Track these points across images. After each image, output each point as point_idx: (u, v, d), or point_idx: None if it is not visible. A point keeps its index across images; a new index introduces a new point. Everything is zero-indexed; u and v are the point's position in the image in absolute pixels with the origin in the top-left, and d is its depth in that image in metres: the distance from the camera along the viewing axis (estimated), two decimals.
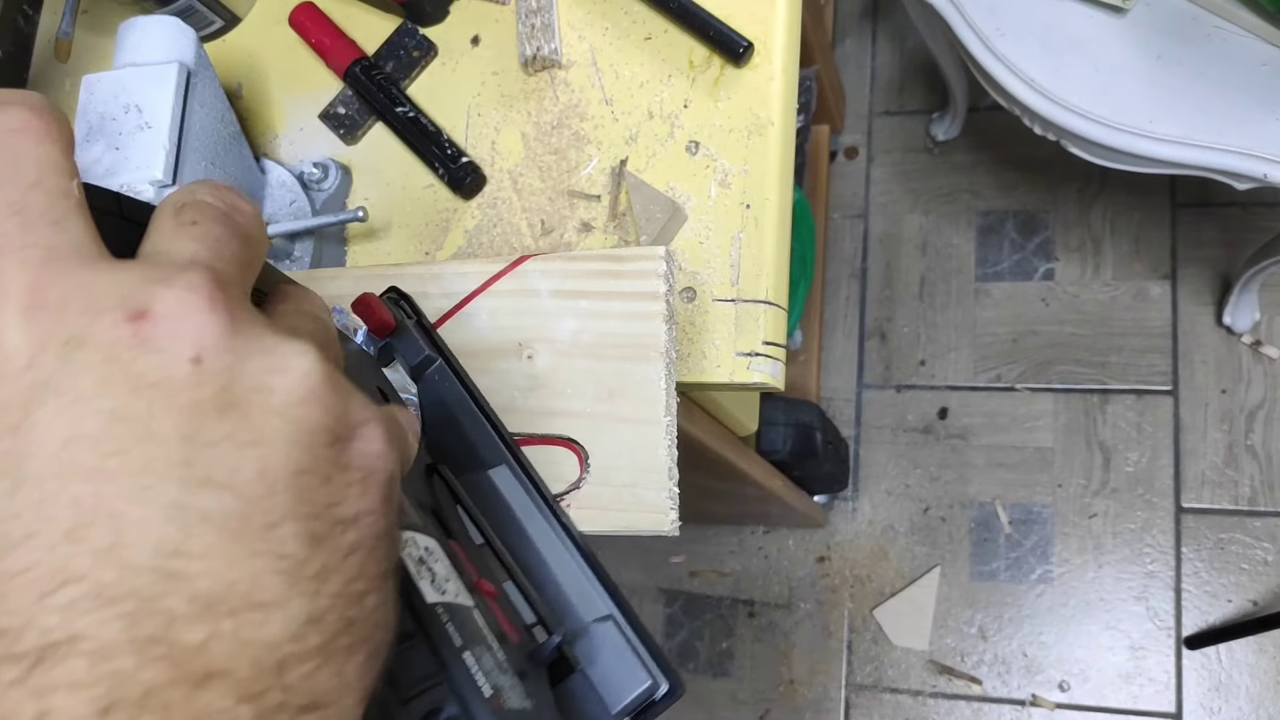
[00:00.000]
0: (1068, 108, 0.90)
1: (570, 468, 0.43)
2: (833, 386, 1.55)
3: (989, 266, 1.53)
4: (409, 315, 0.43)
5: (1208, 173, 0.89)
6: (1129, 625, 1.37)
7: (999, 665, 1.41)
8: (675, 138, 0.55)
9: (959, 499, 1.47)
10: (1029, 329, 1.49)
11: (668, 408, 0.42)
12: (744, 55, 0.54)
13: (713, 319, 0.51)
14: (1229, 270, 1.42)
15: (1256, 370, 1.40)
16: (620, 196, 0.55)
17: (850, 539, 1.50)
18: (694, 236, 0.53)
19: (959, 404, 1.49)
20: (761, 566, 1.53)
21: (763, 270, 0.51)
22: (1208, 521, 1.38)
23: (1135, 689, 1.35)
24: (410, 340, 0.42)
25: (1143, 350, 1.44)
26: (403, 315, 0.42)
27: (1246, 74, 0.86)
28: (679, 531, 0.42)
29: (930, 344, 1.53)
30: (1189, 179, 0.91)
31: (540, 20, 0.59)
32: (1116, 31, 0.91)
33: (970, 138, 1.57)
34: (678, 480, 0.42)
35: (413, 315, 0.43)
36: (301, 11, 0.64)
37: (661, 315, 0.43)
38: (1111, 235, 1.49)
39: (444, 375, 0.41)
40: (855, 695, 1.45)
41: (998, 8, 0.94)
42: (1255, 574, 1.35)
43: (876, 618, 1.46)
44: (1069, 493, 1.43)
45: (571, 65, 0.58)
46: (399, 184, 0.60)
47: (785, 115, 0.54)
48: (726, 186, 0.53)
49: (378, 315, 0.41)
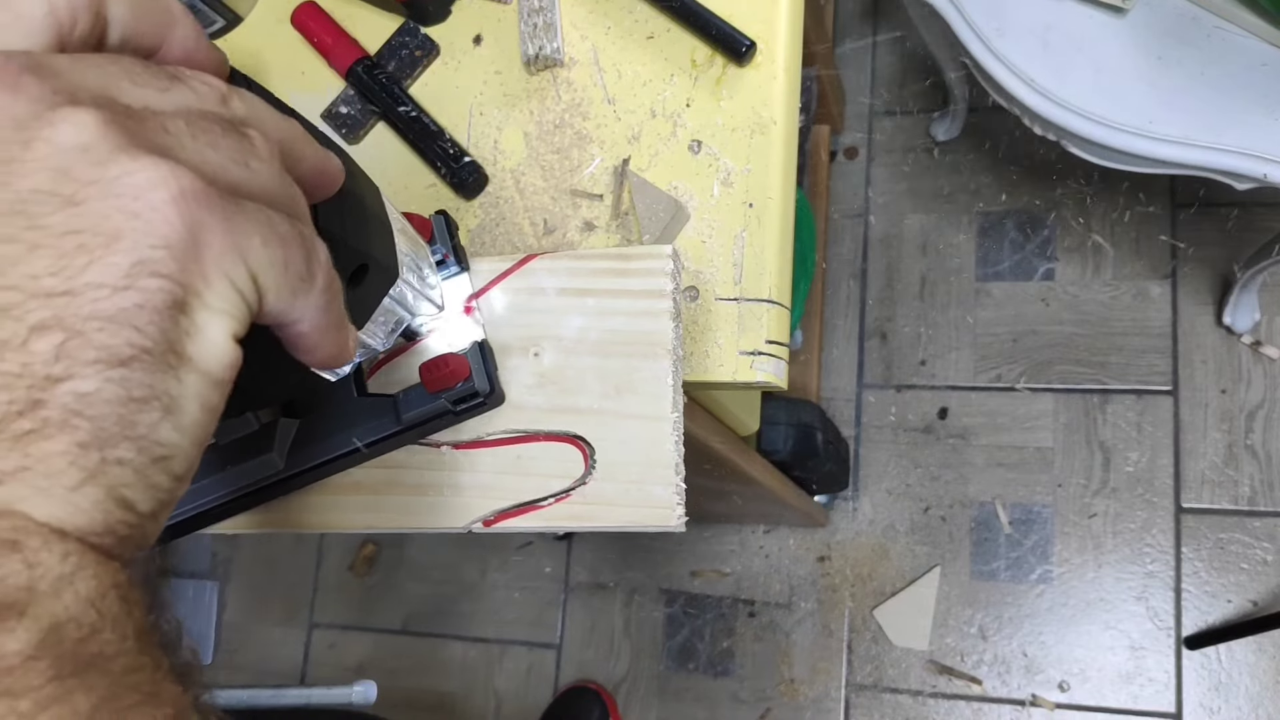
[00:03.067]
0: (1068, 108, 0.91)
1: (576, 465, 0.43)
2: (833, 386, 1.55)
3: (989, 266, 1.53)
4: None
5: (1208, 173, 0.89)
6: (1129, 625, 1.38)
7: (999, 665, 1.41)
8: (678, 137, 0.55)
9: (959, 499, 1.47)
10: (1029, 329, 1.49)
11: (674, 404, 0.43)
12: (746, 54, 0.54)
13: (716, 318, 0.51)
14: (1229, 270, 1.42)
15: (1256, 370, 1.40)
16: (623, 196, 0.55)
17: (851, 538, 1.50)
18: (697, 235, 0.53)
19: (959, 404, 1.50)
20: (762, 566, 1.53)
21: (766, 269, 0.51)
22: (1208, 521, 1.38)
23: (1135, 689, 1.36)
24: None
25: (1143, 350, 1.44)
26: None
27: (1246, 74, 0.86)
28: (685, 527, 0.42)
29: (930, 344, 1.53)
30: (1189, 179, 0.91)
31: (542, 19, 0.59)
32: (1116, 32, 0.91)
33: (970, 138, 1.57)
34: (684, 476, 0.42)
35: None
36: (303, 11, 0.64)
37: (668, 313, 0.44)
38: (1112, 235, 1.49)
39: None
40: (855, 695, 1.45)
41: (998, 8, 0.94)
42: (1255, 574, 1.35)
43: (877, 617, 1.46)
44: (1069, 492, 1.43)
45: (574, 64, 0.58)
46: (401, 183, 0.60)
47: (788, 114, 0.54)
48: (729, 185, 0.53)
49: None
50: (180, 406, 0.22)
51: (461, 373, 0.41)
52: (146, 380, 0.21)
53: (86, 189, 0.20)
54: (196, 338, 0.22)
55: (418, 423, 0.43)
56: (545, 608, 1.60)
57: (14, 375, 0.19)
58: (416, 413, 0.43)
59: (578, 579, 1.60)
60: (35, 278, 0.20)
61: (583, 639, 1.58)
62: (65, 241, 0.20)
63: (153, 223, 0.21)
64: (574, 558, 1.61)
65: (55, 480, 0.20)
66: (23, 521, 0.20)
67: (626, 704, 1.53)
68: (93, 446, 0.21)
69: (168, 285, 0.21)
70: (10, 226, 0.20)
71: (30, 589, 0.19)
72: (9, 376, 0.19)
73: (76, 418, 0.20)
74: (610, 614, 1.57)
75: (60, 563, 0.20)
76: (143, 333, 0.21)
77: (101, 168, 0.20)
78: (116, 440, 0.21)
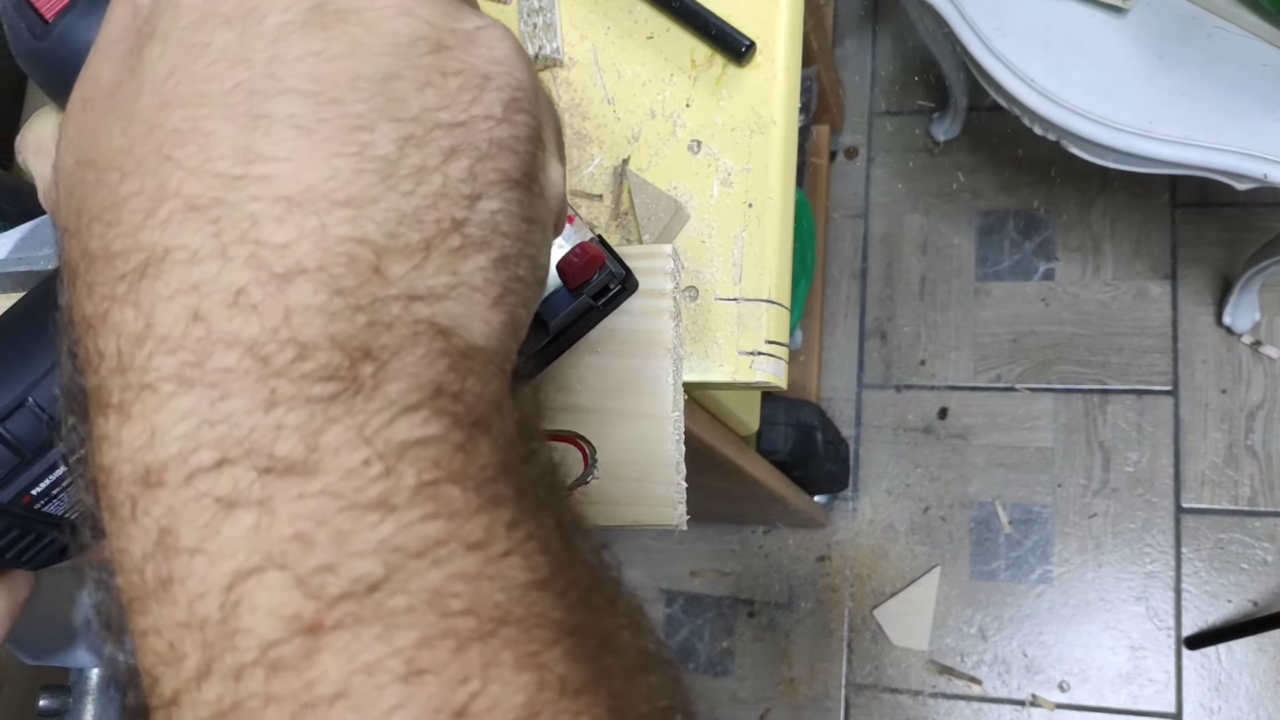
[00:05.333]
0: (1068, 108, 0.91)
1: (576, 464, 0.43)
2: (833, 386, 1.55)
3: (989, 266, 1.53)
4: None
5: (1208, 173, 0.89)
6: (1129, 625, 1.38)
7: (999, 665, 1.41)
8: (677, 137, 0.55)
9: (959, 499, 1.47)
10: (1029, 329, 1.49)
11: (675, 403, 0.43)
12: (746, 54, 0.54)
13: (715, 318, 0.51)
14: (1229, 270, 1.42)
15: (1256, 370, 1.40)
16: (623, 196, 0.55)
17: (850, 538, 1.50)
18: (696, 235, 0.53)
19: (959, 404, 1.50)
20: (762, 566, 1.53)
21: (765, 269, 0.51)
22: (1208, 521, 1.38)
23: (1135, 689, 1.36)
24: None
25: (1143, 350, 1.45)
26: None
27: (1247, 74, 0.86)
28: (686, 525, 0.42)
29: (930, 344, 1.53)
30: (1189, 179, 0.91)
31: (542, 19, 0.59)
32: (1117, 32, 0.91)
33: (970, 138, 1.57)
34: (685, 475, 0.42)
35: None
36: None
37: (669, 312, 0.44)
38: (1112, 235, 1.49)
39: None
40: (855, 695, 1.45)
41: (998, 8, 0.94)
42: (1255, 574, 1.35)
43: (876, 617, 1.46)
44: (1069, 493, 1.43)
45: (573, 64, 0.59)
46: None
47: (787, 114, 0.54)
48: (729, 185, 0.53)
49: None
50: (546, 231, 0.24)
51: (599, 259, 0.40)
52: (529, 201, 0.22)
53: (449, 36, 0.21)
54: (546, 171, 0.24)
55: (566, 327, 0.41)
56: None
57: (438, 194, 0.20)
58: (564, 316, 0.41)
59: None
60: (430, 110, 0.21)
61: None
62: (448, 82, 0.21)
63: (512, 69, 0.22)
64: None
65: (478, 297, 0.21)
66: (461, 342, 0.20)
67: None
68: (502, 264, 0.21)
69: (532, 121, 0.23)
70: (393, 64, 0.20)
71: (496, 405, 0.20)
72: (434, 195, 0.20)
73: (493, 234, 0.21)
74: None
75: (497, 386, 0.21)
76: (522, 159, 0.22)
77: (456, 20, 0.22)
78: (518, 258, 0.22)
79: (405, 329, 0.19)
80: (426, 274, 0.19)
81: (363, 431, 0.18)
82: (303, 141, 0.19)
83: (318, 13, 0.20)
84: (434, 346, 0.19)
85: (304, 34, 0.20)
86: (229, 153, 0.19)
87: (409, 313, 0.19)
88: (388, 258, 0.19)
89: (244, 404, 0.17)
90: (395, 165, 0.20)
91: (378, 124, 0.20)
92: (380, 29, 0.20)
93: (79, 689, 0.50)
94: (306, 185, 0.19)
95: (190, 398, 0.17)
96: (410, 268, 0.19)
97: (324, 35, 0.20)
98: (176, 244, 0.18)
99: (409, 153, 0.20)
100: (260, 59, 0.20)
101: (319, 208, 0.19)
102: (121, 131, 0.20)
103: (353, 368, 0.18)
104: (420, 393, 0.18)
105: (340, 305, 0.18)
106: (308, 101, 0.19)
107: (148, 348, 0.18)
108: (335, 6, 0.20)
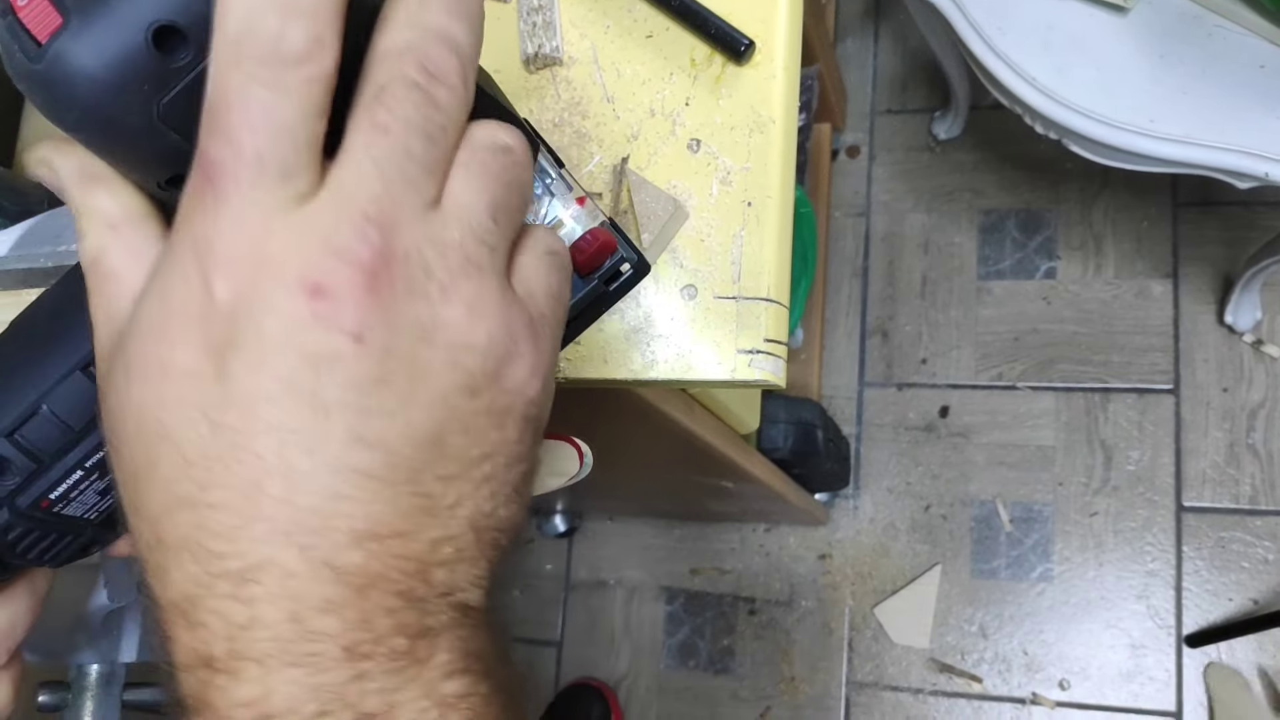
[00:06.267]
0: (1069, 106, 0.91)
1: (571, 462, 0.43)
2: (834, 384, 1.55)
3: (991, 265, 1.53)
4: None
5: (1209, 171, 0.89)
6: (1130, 623, 1.38)
7: (999, 663, 1.41)
8: (677, 135, 0.55)
9: (960, 497, 1.47)
10: (1030, 327, 1.49)
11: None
12: (745, 53, 0.54)
13: (714, 316, 0.51)
14: (1231, 269, 1.42)
15: (1258, 369, 1.40)
16: (622, 194, 0.55)
17: (851, 537, 1.50)
18: (695, 234, 0.53)
19: (960, 402, 1.50)
20: (763, 564, 1.53)
21: (764, 268, 0.51)
22: (1209, 520, 1.38)
23: (1136, 687, 1.36)
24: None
25: (1144, 349, 1.44)
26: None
27: (1248, 73, 0.86)
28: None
29: (932, 342, 1.53)
30: (1191, 178, 0.91)
31: (541, 18, 0.59)
32: (1118, 30, 0.91)
33: (972, 136, 1.57)
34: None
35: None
36: None
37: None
38: (1113, 234, 1.49)
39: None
40: (856, 693, 1.45)
41: (999, 7, 0.94)
42: (1256, 572, 1.35)
43: (877, 615, 1.46)
44: (1070, 491, 1.43)
45: (573, 63, 0.59)
46: None
47: (787, 113, 0.54)
48: (728, 184, 0.53)
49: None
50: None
51: (611, 244, 0.40)
52: (531, 486, 0.28)
53: (481, 379, 0.26)
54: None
55: (578, 313, 0.42)
56: (546, 605, 1.60)
57: (469, 519, 0.25)
58: (576, 302, 0.41)
59: (578, 577, 1.60)
60: (466, 449, 0.25)
61: (583, 637, 1.58)
62: (478, 420, 0.25)
63: (523, 387, 0.26)
64: (575, 555, 1.61)
65: (478, 570, 0.26)
66: (474, 612, 0.26)
67: (627, 702, 1.53)
68: (497, 546, 0.26)
69: (540, 424, 0.27)
70: (442, 417, 0.25)
71: (496, 653, 0.27)
72: (467, 520, 0.25)
73: (500, 531, 0.26)
74: (611, 612, 1.58)
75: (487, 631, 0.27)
76: (530, 464, 0.27)
77: (497, 361, 0.26)
78: (511, 534, 0.27)
79: (445, 615, 0.24)
80: (457, 576, 0.25)
81: (425, 690, 0.24)
82: (370, 485, 0.23)
83: (384, 363, 0.23)
84: (465, 622, 0.25)
85: (373, 386, 0.23)
86: (311, 491, 0.23)
87: (446, 601, 0.24)
88: (431, 569, 0.24)
89: (337, 676, 0.23)
90: (439, 500, 0.24)
91: (425, 470, 0.24)
92: (433, 385, 0.24)
93: (78, 684, 0.51)
94: (374, 520, 0.23)
95: (295, 671, 0.22)
96: (445, 573, 0.25)
97: (386, 389, 0.23)
98: (271, 559, 0.22)
99: (450, 489, 0.24)
100: (335, 405, 0.23)
101: (381, 535, 0.23)
102: (210, 433, 0.23)
103: (412, 647, 0.24)
104: (462, 661, 0.25)
105: (399, 605, 0.23)
106: (375, 452, 0.23)
107: (255, 633, 0.22)
108: (400, 356, 0.23)
